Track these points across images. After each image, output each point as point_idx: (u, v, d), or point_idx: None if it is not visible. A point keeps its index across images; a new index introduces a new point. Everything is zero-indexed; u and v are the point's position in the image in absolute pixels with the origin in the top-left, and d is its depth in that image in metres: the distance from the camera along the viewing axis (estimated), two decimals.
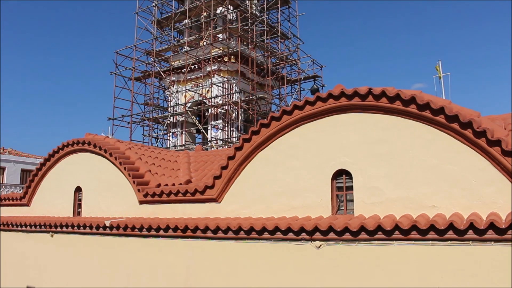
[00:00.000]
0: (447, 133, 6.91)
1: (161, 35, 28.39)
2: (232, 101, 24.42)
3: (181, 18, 27.79)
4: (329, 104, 7.90)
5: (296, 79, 29.55)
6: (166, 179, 11.00)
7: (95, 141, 11.74)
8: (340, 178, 7.96)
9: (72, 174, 12.41)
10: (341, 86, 7.82)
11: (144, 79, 28.35)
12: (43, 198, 13.23)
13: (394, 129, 7.36)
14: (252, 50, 25.98)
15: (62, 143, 12.61)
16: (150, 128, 27.72)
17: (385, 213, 7.19)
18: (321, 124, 8.13)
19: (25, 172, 34.16)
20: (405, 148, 7.24)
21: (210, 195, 9.34)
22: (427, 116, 7.01)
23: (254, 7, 28.29)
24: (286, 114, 8.43)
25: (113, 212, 11.01)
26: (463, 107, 7.55)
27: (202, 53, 25.16)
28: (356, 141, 7.70)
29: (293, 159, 8.37)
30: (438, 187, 6.89)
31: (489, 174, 6.55)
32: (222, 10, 26.08)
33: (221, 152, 14.28)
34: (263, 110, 26.75)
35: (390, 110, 7.37)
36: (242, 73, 25.32)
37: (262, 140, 8.73)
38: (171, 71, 26.68)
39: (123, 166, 10.84)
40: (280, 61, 28.29)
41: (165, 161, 12.49)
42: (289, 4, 30.43)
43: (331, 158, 7.94)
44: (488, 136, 6.46)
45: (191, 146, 25.18)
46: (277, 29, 28.24)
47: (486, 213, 6.40)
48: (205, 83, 25.29)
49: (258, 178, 8.80)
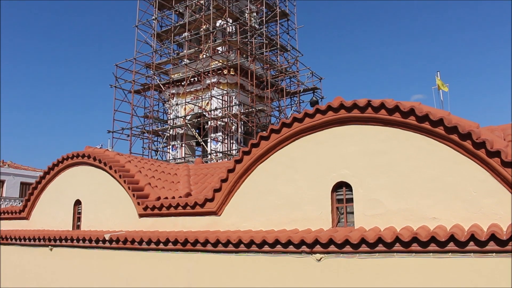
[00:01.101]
0: (446, 145, 6.91)
1: (160, 48, 28.53)
2: (232, 114, 24.46)
3: (181, 31, 27.94)
4: (329, 116, 7.92)
5: (296, 91, 29.64)
6: (166, 192, 10.98)
7: (95, 154, 11.74)
8: (340, 190, 7.95)
9: (71, 187, 12.39)
10: (340, 98, 7.84)
11: (144, 92, 28.42)
12: (43, 211, 13.18)
13: (393, 141, 7.37)
14: (252, 62, 26.08)
15: (62, 156, 12.60)
16: (150, 140, 27.74)
17: (386, 225, 7.17)
18: (320, 136, 8.13)
19: (24, 185, 34.11)
20: (404, 159, 7.24)
21: (210, 208, 9.32)
22: (426, 127, 7.03)
23: (253, 20, 28.46)
24: (285, 126, 8.44)
25: (113, 225, 10.97)
26: (462, 118, 7.57)
27: (202, 65, 25.26)
28: (356, 153, 7.70)
29: (293, 172, 8.36)
30: (438, 199, 6.88)
31: (489, 185, 6.54)
32: (221, 23, 26.24)
33: (220, 164, 14.27)
34: (262, 122, 26.79)
35: (390, 122, 7.38)
36: (242, 85, 25.40)
37: (262, 152, 8.73)
38: (170, 84, 26.75)
39: (123, 179, 10.83)
40: (280, 73, 28.40)
41: (165, 174, 12.48)
42: (288, 17, 30.64)
43: (331, 170, 7.94)
44: (487, 147, 6.46)
45: (190, 159, 25.16)
46: (276, 41, 28.39)
47: (486, 224, 6.38)
48: (205, 96, 25.35)
49: (258, 191, 8.78)
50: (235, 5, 27.53)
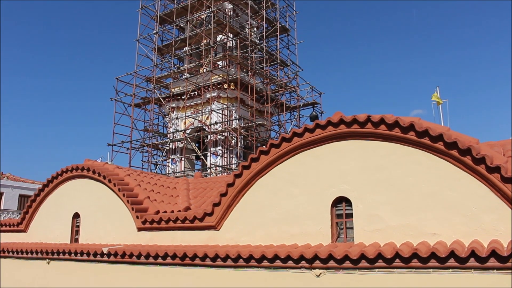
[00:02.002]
0: (446, 160, 6.92)
1: (161, 62, 28.67)
2: (232, 128, 24.50)
3: (182, 46, 28.11)
4: (328, 131, 7.93)
5: (295, 106, 29.70)
6: (165, 206, 10.95)
7: (94, 167, 11.73)
8: (340, 205, 7.92)
9: (70, 200, 12.35)
10: (340, 113, 7.86)
11: (144, 105, 28.49)
12: (41, 224, 13.12)
13: (393, 156, 7.37)
14: (252, 77, 26.20)
15: (61, 169, 12.59)
16: (150, 154, 27.73)
17: (385, 240, 7.14)
18: (320, 151, 8.14)
19: (23, 197, 33.97)
20: (404, 175, 7.24)
21: (209, 222, 9.28)
22: (426, 143, 7.03)
23: (254, 35, 28.66)
24: (285, 141, 8.44)
25: (111, 238, 10.91)
26: (461, 133, 7.58)
27: (202, 80, 25.36)
28: (356, 168, 7.69)
29: (293, 186, 8.35)
30: (438, 214, 6.86)
31: (489, 201, 6.53)
32: (222, 38, 26.39)
33: (220, 179, 14.25)
34: (262, 136, 26.81)
35: (389, 137, 7.39)
36: (242, 100, 25.48)
37: (262, 167, 8.72)
38: (171, 97, 26.83)
39: (122, 192, 10.80)
40: (279, 88, 28.50)
41: (164, 187, 12.45)
42: (288, 32, 30.86)
43: (330, 185, 7.92)
44: (487, 162, 6.46)
45: (190, 173, 25.13)
46: (276, 56, 28.55)
47: (487, 240, 6.35)
48: (205, 110, 25.41)
49: (257, 205, 8.76)
50: (235, 20, 27.76)
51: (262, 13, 28.51)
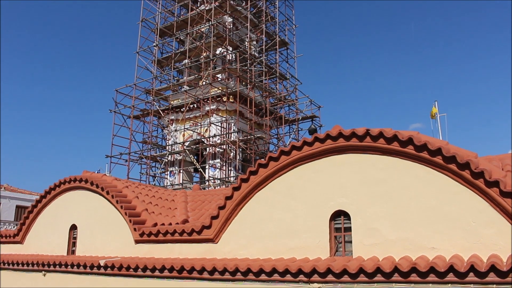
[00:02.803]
0: (445, 174, 6.92)
1: (161, 74, 28.76)
2: (230, 141, 24.50)
3: (181, 58, 28.23)
4: (327, 144, 7.94)
5: (294, 119, 29.74)
6: (163, 218, 10.91)
7: (92, 178, 11.70)
8: (338, 219, 7.90)
9: (67, 212, 12.30)
10: (338, 127, 7.87)
11: (143, 117, 28.51)
12: (37, 236, 13.05)
13: (392, 170, 7.37)
14: (251, 90, 26.28)
15: (59, 180, 12.56)
16: (148, 166, 27.69)
17: (384, 254, 7.11)
18: (319, 164, 8.14)
19: (20, 208, 33.80)
20: (403, 189, 7.23)
21: (207, 235, 9.24)
22: (424, 157, 7.04)
23: (253, 48, 28.80)
24: (284, 154, 8.45)
25: (108, 251, 10.85)
26: (460, 148, 7.59)
27: (201, 92, 25.43)
28: (354, 182, 7.69)
29: (291, 200, 8.33)
30: (437, 228, 6.84)
31: (488, 215, 6.51)
32: (221, 51, 26.52)
33: (218, 191, 14.22)
34: (261, 149, 26.80)
35: (388, 151, 7.40)
36: (241, 112, 25.52)
37: (260, 180, 8.71)
38: (170, 110, 26.87)
39: (120, 204, 10.77)
40: (278, 101, 28.57)
41: (162, 200, 12.42)
42: (287, 45, 31.03)
43: (329, 198, 7.91)
44: (486, 177, 6.47)
45: (188, 185, 25.06)
46: (275, 69, 28.67)
47: (486, 255, 6.33)
48: (204, 122, 25.43)
49: (255, 219, 8.73)
50: (235, 33, 27.91)
51: (262, 27, 28.70)
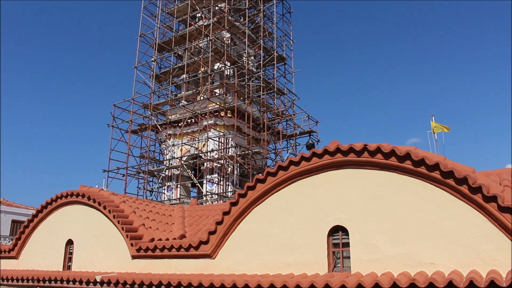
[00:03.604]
0: (443, 189, 6.92)
1: (159, 89, 28.83)
2: (228, 156, 24.48)
3: (179, 73, 28.33)
4: (325, 160, 7.94)
5: (292, 134, 29.78)
6: (160, 233, 10.85)
7: (89, 193, 11.66)
8: (337, 235, 7.87)
9: (64, 227, 12.22)
10: (336, 142, 7.89)
11: (140, 132, 28.51)
12: (33, 251, 12.94)
13: (390, 185, 7.37)
14: (249, 105, 26.34)
15: (56, 194, 12.50)
16: (145, 181, 27.60)
17: (383, 270, 7.06)
18: (317, 180, 8.13)
19: (16, 223, 33.54)
20: (401, 204, 7.22)
21: (204, 250, 9.18)
22: (422, 172, 7.05)
23: (251, 64, 28.94)
24: (282, 169, 8.44)
25: (105, 266, 10.75)
26: (457, 163, 7.60)
27: (199, 107, 25.47)
28: (352, 197, 7.68)
29: (289, 215, 8.30)
30: (435, 244, 6.81)
31: (486, 230, 6.50)
32: (219, 66, 26.64)
33: (216, 206, 14.17)
34: (258, 164, 26.78)
35: (386, 166, 7.41)
36: (238, 127, 25.55)
37: (258, 195, 8.69)
38: (167, 124, 26.89)
39: (117, 219, 10.71)
40: (276, 116, 28.64)
41: (160, 215, 12.36)
42: (285, 61, 31.20)
43: (327, 214, 7.89)
44: (484, 192, 6.46)
45: (186, 200, 24.97)
46: (273, 85, 28.79)
47: (485, 270, 6.30)
48: (201, 137, 25.44)
49: (253, 234, 8.69)
50: (233, 48, 28.05)
51: (260, 42, 28.89)
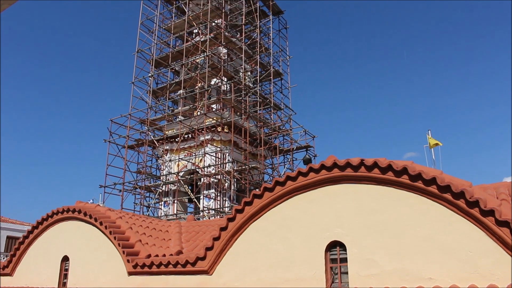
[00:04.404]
0: (440, 203, 6.91)
1: (156, 104, 28.86)
2: (225, 171, 24.44)
3: (176, 89, 28.40)
4: (322, 175, 7.95)
5: (289, 149, 29.78)
6: (157, 249, 10.77)
7: (86, 209, 11.60)
8: (334, 250, 7.84)
9: (60, 243, 12.13)
10: (333, 157, 7.90)
11: (137, 147, 28.46)
12: (28, 267, 12.82)
13: (387, 200, 7.36)
14: (245, 120, 26.38)
15: (52, 210, 12.44)
16: (142, 196, 27.48)
17: (381, 285, 7.03)
18: (314, 195, 8.12)
19: (11, 239, 33.24)
20: (399, 218, 7.21)
21: (201, 266, 9.12)
22: (419, 186, 7.05)
23: (248, 79, 29.05)
24: (279, 185, 8.44)
25: (101, 283, 10.66)
26: (454, 177, 7.62)
27: (196, 122, 25.50)
28: (350, 212, 7.66)
29: (286, 231, 8.27)
30: (434, 258, 6.79)
31: (484, 244, 6.48)
32: (216, 81, 26.74)
33: (213, 222, 14.11)
34: (255, 179, 26.73)
35: (383, 180, 7.41)
36: (235, 143, 25.55)
37: (255, 211, 8.67)
38: (164, 140, 26.87)
39: (113, 235, 10.65)
40: (273, 131, 28.67)
41: (156, 231, 12.29)
42: (282, 76, 31.33)
43: (324, 229, 7.86)
44: (481, 206, 6.47)
45: (183, 216, 24.85)
46: (270, 100, 28.88)
47: (484, 285, 6.27)
48: (198, 153, 25.42)
49: (250, 250, 8.65)
50: (230, 64, 28.19)
51: (256, 58, 29.04)
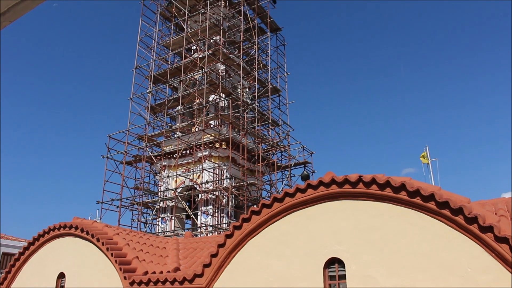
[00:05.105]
0: (438, 220, 6.90)
1: (154, 120, 28.91)
2: (223, 187, 24.40)
3: (174, 105, 28.48)
4: (320, 191, 7.94)
5: (287, 165, 29.77)
6: (154, 266, 10.70)
7: (82, 225, 11.54)
8: (333, 267, 7.79)
9: (56, 259, 12.03)
10: (331, 173, 7.90)
11: (135, 163, 28.42)
12: (24, 284, 12.68)
13: (385, 216, 7.35)
14: (243, 136, 26.42)
15: (49, 226, 12.35)
16: (139, 212, 27.35)
17: None
18: (312, 211, 8.11)
19: (6, 255, 32.89)
20: (397, 235, 7.18)
21: (199, 284, 9.05)
22: (417, 202, 7.04)
23: (246, 95, 29.17)
24: (277, 201, 8.42)
25: None
26: (452, 193, 7.62)
27: (194, 139, 25.52)
28: (348, 229, 7.64)
29: (284, 247, 8.23)
30: (433, 275, 6.75)
31: (484, 261, 6.46)
32: (214, 98, 26.83)
33: (211, 239, 14.03)
34: (253, 196, 26.66)
35: (381, 197, 7.40)
36: (233, 159, 25.55)
37: (253, 227, 8.64)
38: (162, 156, 26.86)
39: (110, 252, 10.57)
40: (271, 147, 28.69)
41: (154, 247, 12.22)
42: (279, 92, 31.48)
43: (323, 245, 7.83)
44: (479, 222, 6.46)
45: (180, 232, 24.72)
46: (267, 116, 28.96)
47: None
48: (196, 169, 25.39)
49: (248, 266, 8.59)
50: (228, 80, 28.33)
51: (254, 74, 29.21)
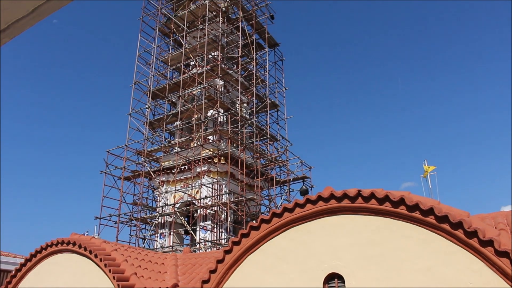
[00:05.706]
0: (438, 234, 6.87)
1: (152, 135, 28.92)
2: (221, 202, 24.33)
3: (173, 120, 28.53)
4: (319, 206, 7.92)
5: (285, 180, 29.74)
6: (152, 282, 10.61)
7: (80, 241, 11.46)
8: (332, 282, 7.73)
9: (53, 276, 11.91)
10: (330, 188, 7.89)
11: (133, 178, 28.37)
12: None
13: (385, 231, 7.32)
14: (242, 151, 26.42)
15: (46, 242, 12.26)
16: (138, 228, 27.21)
17: None
18: (311, 226, 8.07)
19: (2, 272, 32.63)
20: (397, 249, 7.15)
21: None
22: (417, 217, 7.02)
23: (244, 110, 29.26)
24: (276, 216, 8.39)
25: None
26: (452, 207, 7.59)
27: (193, 154, 25.51)
28: (347, 244, 7.60)
29: (283, 263, 8.18)
30: None
31: (485, 275, 6.42)
32: (213, 113, 26.90)
33: (209, 254, 13.95)
34: (252, 211, 26.58)
35: (380, 211, 7.38)
36: (232, 174, 25.52)
37: (252, 243, 8.59)
38: (161, 171, 26.82)
39: (108, 268, 10.49)
40: (269, 162, 28.68)
41: (152, 263, 12.12)
42: (278, 107, 31.58)
43: (322, 261, 7.78)
44: (479, 236, 6.43)
45: (179, 248, 24.58)
46: (266, 131, 29.01)
47: None
48: (195, 184, 25.34)
49: (248, 283, 8.52)
50: (226, 96, 28.43)
51: (252, 90, 29.32)
